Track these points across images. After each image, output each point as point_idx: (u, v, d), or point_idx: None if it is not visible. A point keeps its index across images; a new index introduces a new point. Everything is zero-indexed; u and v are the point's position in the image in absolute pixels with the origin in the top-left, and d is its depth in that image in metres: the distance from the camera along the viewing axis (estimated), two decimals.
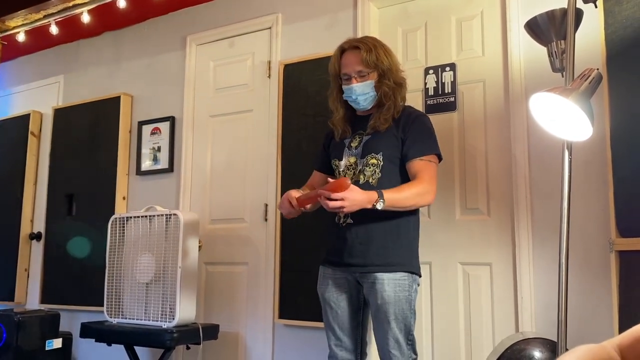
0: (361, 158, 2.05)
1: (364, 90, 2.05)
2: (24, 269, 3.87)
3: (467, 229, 2.51)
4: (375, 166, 2.02)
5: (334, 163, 2.14)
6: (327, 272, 2.09)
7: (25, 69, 4.24)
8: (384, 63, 2.04)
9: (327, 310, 2.09)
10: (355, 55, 2.05)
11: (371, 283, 1.96)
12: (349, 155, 2.08)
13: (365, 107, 2.09)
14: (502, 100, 2.51)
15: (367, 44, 2.05)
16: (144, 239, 2.81)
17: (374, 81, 2.05)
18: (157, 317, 2.70)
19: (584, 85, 1.75)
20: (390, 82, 2.05)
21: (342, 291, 2.06)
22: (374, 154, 2.03)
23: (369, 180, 2.01)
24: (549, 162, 2.32)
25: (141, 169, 3.51)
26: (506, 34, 2.50)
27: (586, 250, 2.21)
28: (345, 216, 2.02)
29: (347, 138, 2.13)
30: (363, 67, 2.03)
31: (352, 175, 2.05)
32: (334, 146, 2.18)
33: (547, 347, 1.97)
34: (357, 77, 2.04)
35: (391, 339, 1.94)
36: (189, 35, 3.44)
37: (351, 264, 2.01)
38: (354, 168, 2.06)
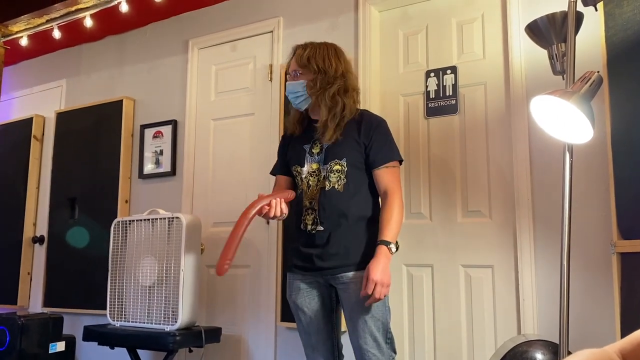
0: (324, 164, 2.03)
1: (294, 88, 2.06)
2: (27, 273, 3.88)
3: (469, 231, 2.52)
4: (339, 172, 2.01)
5: (295, 169, 2.11)
6: (297, 278, 2.07)
7: (28, 73, 4.26)
8: (320, 64, 2.02)
9: (301, 317, 2.07)
10: (296, 55, 2.10)
11: (344, 284, 1.96)
12: (311, 162, 2.07)
13: (298, 107, 2.10)
14: (503, 103, 2.52)
15: (307, 45, 2.08)
16: (146, 242, 2.82)
17: (305, 81, 2.05)
18: (160, 320, 2.70)
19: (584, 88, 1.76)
20: (327, 85, 2.01)
21: (313, 295, 2.05)
22: (337, 160, 2.02)
23: (334, 186, 2.00)
24: (550, 164, 2.33)
25: (143, 173, 3.52)
26: (507, 36, 2.51)
27: (588, 253, 2.22)
28: (313, 223, 2.01)
29: (306, 143, 2.10)
30: (297, 66, 2.07)
31: (317, 182, 2.03)
32: (292, 151, 2.15)
33: (549, 349, 1.97)
34: (292, 75, 2.08)
35: (369, 337, 1.92)
36: (191, 39, 3.45)
37: (322, 268, 1.99)
38: (317, 174, 2.04)
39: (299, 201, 2.07)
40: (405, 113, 2.75)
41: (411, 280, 2.62)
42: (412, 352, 2.57)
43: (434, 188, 2.62)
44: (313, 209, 2.02)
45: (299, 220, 2.06)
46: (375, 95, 2.80)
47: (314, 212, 2.01)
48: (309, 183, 2.05)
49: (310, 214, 2.02)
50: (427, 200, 2.63)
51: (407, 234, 2.62)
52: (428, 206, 2.62)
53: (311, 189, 2.04)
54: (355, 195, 2.01)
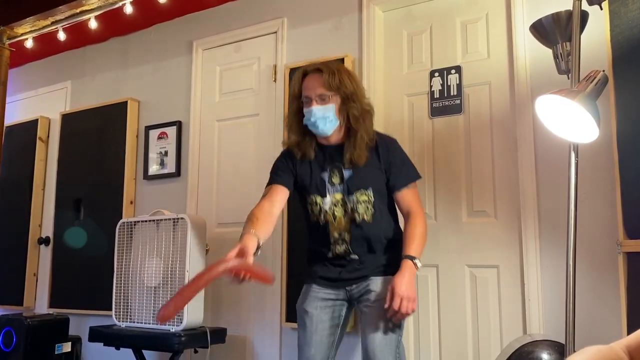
0: (349, 195, 2.00)
1: (324, 113, 1.98)
2: (33, 274, 3.89)
3: (474, 231, 2.51)
4: (367, 202, 2.00)
5: (314, 199, 2.04)
6: (314, 289, 2.07)
7: (33, 75, 4.28)
8: (348, 87, 1.99)
9: (307, 324, 2.04)
10: (317, 79, 1.99)
11: (364, 286, 1.99)
12: (334, 192, 2.02)
13: (324, 132, 2.00)
14: (507, 103, 2.51)
15: (330, 67, 2.01)
16: (151, 243, 2.82)
17: (335, 105, 1.98)
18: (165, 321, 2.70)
19: (590, 87, 1.75)
20: (356, 109, 1.99)
21: (325, 306, 2.05)
22: (363, 190, 1.99)
23: (364, 218, 2.00)
24: (555, 164, 2.32)
25: (148, 174, 3.52)
26: (511, 36, 2.51)
27: (594, 252, 2.21)
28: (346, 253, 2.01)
29: (323, 171, 2.04)
30: (325, 89, 1.97)
31: (344, 213, 2.00)
32: (308, 178, 2.06)
33: (555, 349, 1.96)
34: (318, 100, 1.98)
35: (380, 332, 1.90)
36: (195, 40, 3.46)
37: (346, 279, 2.02)
38: (343, 205, 2.01)
39: (323, 232, 2.03)
40: (409, 113, 2.75)
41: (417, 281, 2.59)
42: (417, 353, 2.56)
43: (438, 188, 2.62)
44: (344, 240, 2.02)
45: (327, 248, 2.04)
46: (380, 96, 2.80)
47: (345, 243, 2.01)
48: (334, 214, 2.01)
49: (341, 244, 2.02)
50: (432, 200, 2.62)
51: None
52: (433, 206, 2.62)
53: (338, 221, 2.01)
54: (383, 224, 2.04)
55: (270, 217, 1.96)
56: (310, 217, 2.08)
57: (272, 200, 2.03)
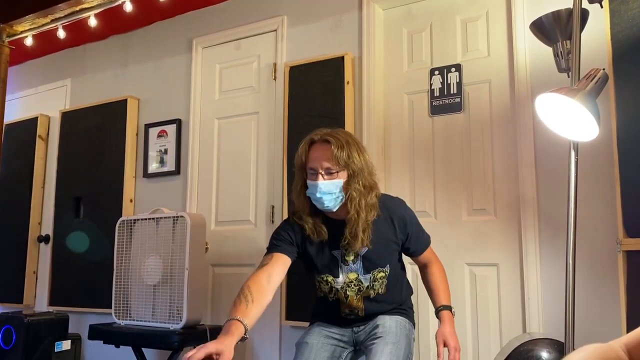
0: (365, 274, 1.91)
1: (330, 189, 1.82)
2: (33, 272, 3.90)
3: (474, 229, 2.51)
4: (383, 278, 1.94)
5: (325, 278, 1.94)
6: (319, 325, 2.02)
7: (32, 73, 4.28)
8: (356, 163, 1.82)
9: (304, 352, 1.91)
10: (325, 150, 1.82)
11: (372, 324, 1.96)
12: (348, 272, 1.91)
13: (329, 208, 1.84)
14: (508, 101, 2.51)
15: (339, 139, 1.83)
16: (151, 241, 2.82)
17: (342, 181, 1.82)
18: (165, 319, 2.71)
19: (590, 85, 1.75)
20: (359, 185, 1.82)
21: (328, 343, 1.96)
22: (380, 268, 1.93)
23: (378, 291, 1.95)
24: (555, 162, 2.32)
25: (148, 172, 3.52)
26: (512, 34, 2.50)
27: (593, 251, 2.21)
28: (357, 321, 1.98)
29: (334, 249, 1.91)
30: (332, 164, 1.80)
31: (358, 292, 1.93)
32: (318, 256, 1.93)
33: (554, 347, 1.96)
34: (325, 174, 1.81)
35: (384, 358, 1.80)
36: (195, 39, 3.46)
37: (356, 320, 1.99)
38: (357, 284, 1.92)
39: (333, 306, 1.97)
40: (409, 111, 2.75)
41: (416, 279, 2.61)
42: (417, 352, 2.56)
43: (438, 186, 2.62)
44: (356, 315, 1.97)
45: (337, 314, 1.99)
46: (380, 94, 2.80)
47: (356, 316, 1.98)
48: (346, 293, 1.93)
49: (353, 317, 1.98)
50: (432, 198, 2.62)
51: None
52: (433, 205, 2.62)
53: (350, 299, 1.94)
54: (397, 289, 2.02)
55: (265, 293, 1.78)
56: (318, 292, 2.01)
57: (270, 271, 1.83)
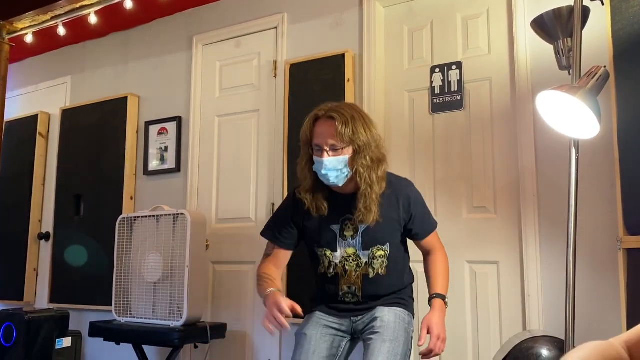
0: (363, 250, 1.91)
1: (335, 165, 1.83)
2: (33, 269, 3.90)
3: (474, 227, 2.51)
4: (383, 257, 1.93)
5: (323, 252, 1.95)
6: (317, 315, 2.01)
7: (33, 70, 4.27)
8: (361, 138, 1.82)
9: (304, 346, 1.93)
10: (330, 126, 1.83)
11: (370, 315, 1.95)
12: (346, 247, 1.92)
13: (335, 184, 1.86)
14: (508, 99, 2.51)
15: (344, 115, 1.83)
16: (151, 238, 2.82)
17: (347, 157, 1.83)
18: (165, 316, 2.71)
19: (591, 83, 1.75)
20: (366, 160, 1.83)
21: (326, 334, 1.97)
22: (380, 246, 1.92)
23: (378, 272, 1.94)
24: (556, 160, 2.32)
25: (148, 169, 3.52)
26: (512, 31, 2.50)
27: (594, 248, 2.21)
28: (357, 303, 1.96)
29: (334, 223, 1.93)
30: (337, 141, 1.81)
31: (356, 267, 1.93)
32: (317, 230, 1.95)
33: (554, 345, 1.96)
34: (330, 151, 1.83)
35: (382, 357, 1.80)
36: (195, 36, 3.45)
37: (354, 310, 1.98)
38: (355, 260, 1.93)
39: (332, 283, 1.98)
40: (410, 109, 2.74)
41: (416, 277, 2.60)
42: (416, 349, 2.56)
43: (438, 184, 2.62)
44: (354, 294, 1.96)
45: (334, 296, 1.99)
46: (380, 92, 2.80)
47: (355, 297, 1.96)
48: (345, 268, 1.94)
49: (352, 297, 1.97)
50: (432, 196, 2.62)
51: None
52: (433, 202, 2.61)
53: (349, 274, 1.94)
54: (397, 272, 2.00)
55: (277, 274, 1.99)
56: (319, 268, 2.01)
57: (275, 262, 2.02)
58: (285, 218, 2.02)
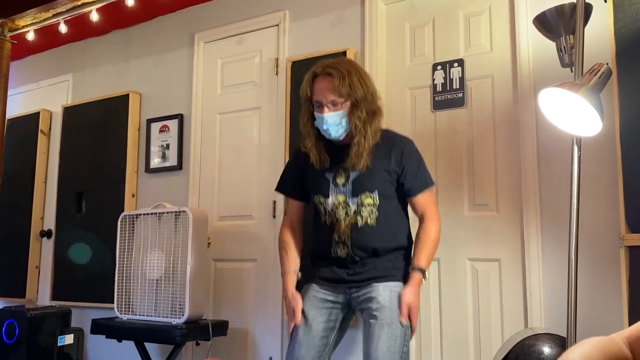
0: (353, 196, 1.95)
1: (336, 120, 1.93)
2: (35, 266, 3.91)
3: (476, 225, 2.51)
4: (371, 206, 1.95)
5: (317, 199, 2.02)
6: (314, 289, 2.03)
7: (34, 68, 4.27)
8: (358, 92, 1.91)
9: (301, 325, 1.98)
10: (328, 82, 1.92)
11: (366, 293, 1.94)
12: (337, 193, 1.97)
13: (337, 137, 1.96)
14: (510, 96, 2.50)
15: (340, 71, 1.91)
16: (153, 236, 2.83)
17: (346, 110, 1.93)
18: (167, 314, 2.71)
19: (593, 80, 1.75)
20: (362, 113, 1.92)
21: (324, 308, 2.00)
22: (368, 193, 1.94)
23: (367, 221, 1.95)
24: (558, 157, 2.31)
25: (150, 167, 3.52)
26: (515, 29, 2.49)
27: (596, 246, 2.21)
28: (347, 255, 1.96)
29: (328, 171, 2.01)
30: (335, 95, 1.91)
31: (345, 215, 1.96)
32: (313, 178, 2.04)
33: (556, 342, 1.96)
34: (329, 106, 1.92)
35: (382, 346, 1.85)
36: (197, 33, 3.45)
37: (348, 281, 1.97)
38: (345, 207, 1.96)
39: (327, 232, 2.00)
40: (411, 106, 2.74)
41: None
42: (418, 347, 2.57)
43: (440, 182, 2.61)
44: (344, 243, 1.96)
45: (329, 247, 2.00)
46: (382, 89, 2.79)
47: (346, 247, 1.96)
48: (336, 216, 1.97)
49: (342, 247, 1.97)
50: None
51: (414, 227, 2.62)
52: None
53: (340, 223, 1.97)
54: (388, 228, 1.98)
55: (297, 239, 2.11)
56: (320, 217, 2.03)
57: (292, 219, 2.14)
58: (292, 171, 2.15)
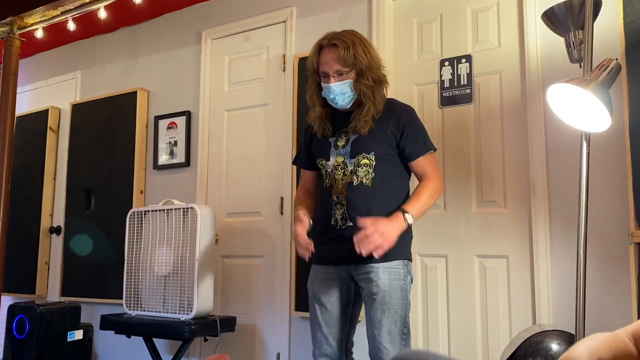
0: (351, 158, 2.00)
1: (342, 89, 2.00)
2: (45, 262, 3.94)
3: (484, 221, 2.51)
4: (367, 166, 1.98)
5: (320, 162, 2.09)
6: (318, 269, 2.08)
7: (43, 65, 4.30)
8: (362, 61, 1.98)
9: (316, 307, 2.06)
10: (333, 53, 1.99)
11: (366, 273, 1.95)
12: (337, 155, 2.04)
13: (343, 106, 2.04)
14: (518, 92, 2.49)
15: (345, 41, 1.98)
16: (161, 232, 2.84)
17: (352, 80, 1.99)
18: (175, 310, 2.73)
19: (602, 76, 1.74)
20: (369, 81, 1.99)
21: (332, 286, 2.04)
22: (365, 154, 1.99)
23: (362, 181, 1.98)
24: (566, 153, 2.30)
25: (158, 163, 3.54)
26: (523, 24, 2.48)
27: (604, 242, 2.20)
28: (343, 218, 1.98)
29: (331, 136, 2.08)
30: (341, 65, 1.98)
31: (343, 176, 2.01)
32: (317, 144, 2.12)
33: (564, 339, 1.96)
34: (335, 76, 1.99)
35: (384, 330, 1.90)
36: (204, 30, 3.46)
37: (348, 257, 1.96)
38: (343, 168, 2.02)
39: (327, 195, 2.04)
40: (419, 102, 2.73)
41: (425, 271, 2.61)
42: (426, 343, 2.57)
43: (448, 178, 2.61)
44: (341, 204, 1.99)
45: (329, 214, 2.03)
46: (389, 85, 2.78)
47: (342, 207, 1.99)
48: (335, 177, 2.03)
49: (339, 208, 2.00)
50: None
51: (421, 224, 2.62)
52: (443, 196, 2.61)
53: (337, 183, 2.01)
54: (384, 190, 1.98)
55: (311, 198, 2.18)
56: (322, 182, 2.09)
57: (307, 185, 2.22)
58: (302, 146, 2.26)
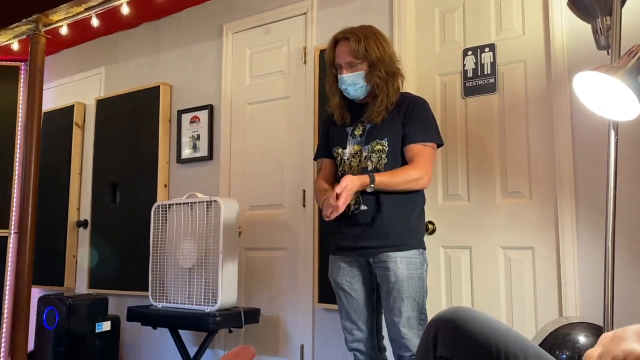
0: (365, 145, 2.09)
1: (353, 80, 2.08)
2: (72, 256, 4.02)
3: (508, 212, 2.48)
4: (380, 152, 2.06)
5: (336, 151, 2.17)
6: (338, 259, 2.13)
7: (68, 62, 4.37)
8: (374, 54, 2.06)
9: (341, 295, 2.12)
10: (346, 46, 2.09)
11: (384, 262, 2.00)
12: (354, 144, 2.12)
13: (356, 97, 2.12)
14: (544, 81, 2.45)
15: (357, 35, 2.08)
16: (186, 225, 2.87)
17: (364, 72, 2.08)
18: (200, 302, 2.76)
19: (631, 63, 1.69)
20: (381, 73, 2.06)
21: (354, 274, 2.11)
22: (378, 140, 2.07)
23: (376, 166, 2.06)
24: (593, 143, 2.26)
25: (181, 157, 3.57)
26: (548, 11, 2.43)
27: (633, 233, 2.15)
28: (356, 203, 2.04)
29: (348, 126, 2.16)
30: (352, 57, 2.07)
31: (358, 163, 2.09)
32: (334, 134, 2.20)
33: (592, 332, 1.93)
34: (347, 68, 2.08)
35: (403, 317, 1.96)
36: (225, 24, 3.47)
37: (364, 247, 2.04)
38: (359, 155, 2.10)
39: None
40: (442, 93, 2.71)
41: (449, 262, 2.60)
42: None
43: (471, 169, 2.58)
44: None
45: None
46: (411, 75, 2.76)
47: (356, 192, 2.02)
48: (351, 164, 2.11)
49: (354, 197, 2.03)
50: (465, 181, 2.59)
51: (445, 215, 2.60)
52: (466, 187, 2.59)
53: (353, 170, 2.09)
54: None
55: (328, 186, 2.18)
56: (338, 171, 2.16)
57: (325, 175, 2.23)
58: (321, 137, 2.33)
